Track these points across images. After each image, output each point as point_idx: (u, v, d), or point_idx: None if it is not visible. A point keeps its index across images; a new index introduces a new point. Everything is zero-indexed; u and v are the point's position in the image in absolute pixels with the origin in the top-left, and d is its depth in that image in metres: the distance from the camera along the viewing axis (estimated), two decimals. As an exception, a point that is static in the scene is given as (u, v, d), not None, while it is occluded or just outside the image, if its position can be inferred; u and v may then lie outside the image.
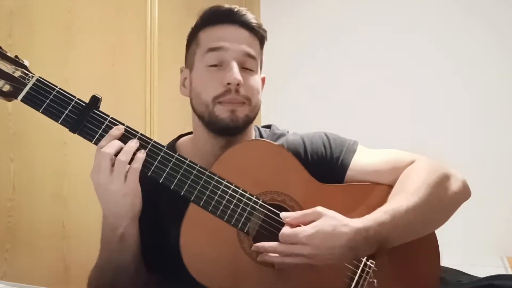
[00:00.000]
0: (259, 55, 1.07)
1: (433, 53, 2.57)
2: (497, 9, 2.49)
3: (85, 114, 0.90)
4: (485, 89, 2.50)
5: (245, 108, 1.01)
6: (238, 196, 0.94)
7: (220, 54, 1.01)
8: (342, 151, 1.08)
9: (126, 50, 1.86)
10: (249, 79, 1.02)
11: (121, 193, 0.87)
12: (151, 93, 1.96)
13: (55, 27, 1.56)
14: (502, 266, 2.05)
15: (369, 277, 0.94)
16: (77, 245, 1.57)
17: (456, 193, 1.01)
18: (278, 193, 0.98)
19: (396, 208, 0.92)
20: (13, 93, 0.88)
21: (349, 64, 2.71)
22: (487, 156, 2.46)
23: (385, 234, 0.90)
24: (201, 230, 0.93)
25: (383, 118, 2.61)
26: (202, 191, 0.92)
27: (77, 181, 1.60)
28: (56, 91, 0.90)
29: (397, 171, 1.03)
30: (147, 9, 1.97)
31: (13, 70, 0.88)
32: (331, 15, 2.79)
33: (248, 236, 0.95)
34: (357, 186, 1.04)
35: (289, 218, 0.91)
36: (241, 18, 1.04)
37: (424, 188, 0.96)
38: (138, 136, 0.91)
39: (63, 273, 1.56)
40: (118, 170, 0.86)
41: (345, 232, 0.87)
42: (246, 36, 1.04)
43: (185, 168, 0.92)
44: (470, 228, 2.29)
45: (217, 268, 0.93)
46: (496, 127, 2.48)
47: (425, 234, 0.99)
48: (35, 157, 1.49)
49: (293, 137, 1.12)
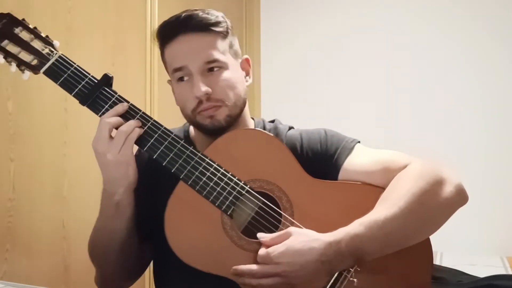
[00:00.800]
0: (223, 49, 1.05)
1: (434, 52, 2.58)
2: (497, 9, 2.49)
3: (96, 90, 1.00)
4: (487, 88, 2.50)
5: (224, 109, 1.03)
6: (226, 179, 0.98)
7: (184, 72, 1.04)
8: (338, 149, 1.07)
9: (126, 50, 1.86)
10: (219, 80, 1.03)
11: (116, 161, 0.95)
12: (151, 93, 1.96)
13: (55, 27, 1.56)
14: (502, 266, 2.05)
15: (349, 276, 0.93)
16: (77, 245, 1.57)
17: (447, 199, 0.97)
18: (267, 182, 0.99)
19: (373, 219, 0.90)
20: (38, 66, 1.01)
21: (349, 64, 2.71)
22: (487, 156, 2.46)
23: (359, 246, 0.89)
24: (187, 207, 0.97)
25: (383, 118, 2.61)
26: (191, 171, 0.98)
27: (77, 181, 1.60)
28: (74, 67, 1.01)
29: (389, 173, 1.01)
30: (147, 9, 1.97)
31: (42, 48, 1.02)
32: (332, 15, 2.79)
33: (231, 219, 0.97)
34: (349, 184, 1.03)
35: (265, 239, 0.93)
36: (192, 24, 1.04)
37: (407, 197, 0.93)
38: (140, 114, 1.00)
39: (63, 273, 1.56)
40: (116, 140, 0.95)
41: (315, 247, 0.87)
42: (204, 40, 1.04)
43: (179, 148, 0.99)
44: (470, 228, 2.29)
45: (199, 247, 0.96)
46: (496, 127, 2.48)
47: (414, 243, 0.96)
48: (35, 157, 1.49)
49: (292, 132, 1.13)
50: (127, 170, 0.97)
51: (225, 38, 1.07)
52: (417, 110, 2.59)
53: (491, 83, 2.50)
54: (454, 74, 2.55)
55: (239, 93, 1.06)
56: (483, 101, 2.50)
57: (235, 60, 1.08)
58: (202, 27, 1.04)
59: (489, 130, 2.48)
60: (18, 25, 1.01)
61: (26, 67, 1.01)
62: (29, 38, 1.02)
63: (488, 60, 2.50)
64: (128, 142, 0.96)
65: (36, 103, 1.48)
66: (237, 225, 0.97)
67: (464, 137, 2.50)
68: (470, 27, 2.53)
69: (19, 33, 1.01)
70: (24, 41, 1.01)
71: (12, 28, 1.01)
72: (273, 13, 2.90)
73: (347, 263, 0.90)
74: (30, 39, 1.02)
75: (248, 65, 1.13)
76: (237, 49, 1.10)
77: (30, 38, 1.02)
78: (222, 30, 1.06)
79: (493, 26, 2.50)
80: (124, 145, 0.95)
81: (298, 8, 2.85)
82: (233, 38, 1.10)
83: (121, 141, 0.95)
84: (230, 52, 1.07)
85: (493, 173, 2.43)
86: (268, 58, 2.86)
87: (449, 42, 2.55)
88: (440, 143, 2.49)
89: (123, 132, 0.95)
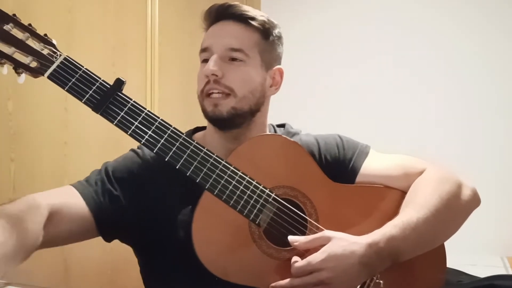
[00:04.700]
0: (254, 46, 1.05)
1: (439, 53, 2.57)
2: (502, 7, 2.49)
3: (109, 96, 0.92)
4: (487, 88, 2.50)
5: (230, 101, 1.02)
6: (252, 187, 0.95)
7: (208, 53, 1.04)
8: (355, 153, 1.09)
9: (126, 50, 1.86)
10: (233, 70, 1.02)
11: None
12: (151, 93, 1.96)
13: (55, 27, 1.56)
14: (502, 266, 2.06)
15: (375, 278, 0.94)
16: (77, 245, 1.57)
17: (467, 202, 1.02)
18: (291, 188, 0.99)
19: (405, 221, 0.92)
20: (40, 69, 0.90)
21: (351, 65, 2.71)
22: (488, 156, 2.46)
23: (396, 247, 0.90)
24: (214, 218, 0.95)
25: (384, 119, 2.61)
26: (217, 179, 0.94)
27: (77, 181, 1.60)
28: (82, 71, 0.93)
29: (408, 177, 1.04)
30: (148, 9, 1.97)
31: (41, 48, 0.91)
32: (332, 15, 2.79)
33: (259, 228, 0.96)
34: (370, 188, 1.05)
35: (298, 243, 0.92)
36: (230, 12, 1.05)
37: (435, 199, 0.96)
38: (159, 121, 0.94)
39: (63, 273, 1.55)
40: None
41: (355, 250, 0.87)
42: (235, 29, 1.04)
43: (202, 156, 0.94)
44: (470, 228, 2.28)
45: (227, 257, 0.94)
46: (496, 127, 2.48)
47: (437, 245, 1.00)
48: (35, 157, 1.49)
49: (307, 137, 1.13)
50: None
51: (262, 39, 1.06)
52: (418, 111, 2.59)
53: (491, 83, 2.50)
54: (455, 74, 2.55)
55: (252, 91, 1.04)
56: (483, 102, 2.50)
57: (262, 64, 1.07)
58: (239, 17, 1.05)
59: (489, 131, 2.48)
60: (8, 21, 0.88)
61: (25, 70, 0.90)
62: (23, 36, 0.90)
63: (492, 59, 2.50)
64: None
65: (36, 103, 1.48)
66: (265, 233, 0.97)
67: (464, 137, 2.50)
68: (473, 26, 2.53)
69: (10, 30, 0.88)
70: (18, 40, 0.89)
71: (1, 24, 0.87)
72: (273, 13, 2.89)
73: (386, 264, 0.91)
74: (25, 38, 0.90)
75: (280, 76, 1.12)
76: (272, 57, 1.09)
77: (25, 37, 0.90)
78: (259, 27, 1.06)
79: (499, 24, 2.49)
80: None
81: (298, 8, 2.85)
82: (273, 46, 1.09)
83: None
84: (261, 54, 1.06)
85: (493, 173, 2.42)
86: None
87: (456, 41, 2.55)
88: (440, 144, 2.49)
89: None
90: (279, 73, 1.11)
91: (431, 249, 1.00)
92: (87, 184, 1.04)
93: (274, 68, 1.10)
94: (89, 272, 1.10)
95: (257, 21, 1.06)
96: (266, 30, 1.07)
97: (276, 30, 1.10)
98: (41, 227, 0.89)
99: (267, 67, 1.08)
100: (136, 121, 0.93)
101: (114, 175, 1.05)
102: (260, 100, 1.07)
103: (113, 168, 1.06)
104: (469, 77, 2.53)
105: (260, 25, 1.06)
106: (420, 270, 1.01)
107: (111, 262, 1.67)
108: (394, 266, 0.93)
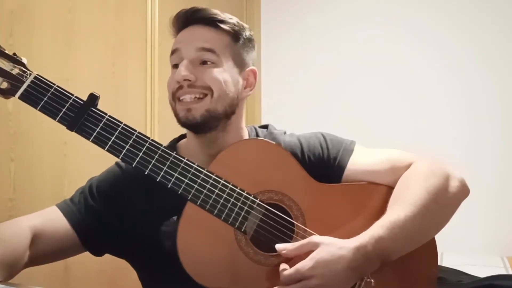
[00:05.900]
0: (225, 48, 1.04)
1: (435, 53, 2.58)
2: (502, 7, 2.50)
3: (83, 112, 0.90)
4: (486, 88, 2.50)
5: (204, 103, 1.01)
6: (235, 195, 0.94)
7: (177, 56, 1.03)
8: (340, 151, 1.07)
9: (126, 50, 1.86)
10: (206, 72, 1.02)
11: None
12: (151, 93, 1.96)
13: (55, 27, 1.56)
14: (502, 266, 2.06)
15: (366, 277, 0.93)
16: (77, 245, 1.57)
17: (455, 194, 1.00)
18: (275, 192, 0.98)
19: (393, 220, 0.91)
20: (11, 90, 0.88)
21: (349, 65, 2.71)
22: (487, 156, 2.47)
23: (384, 248, 0.89)
24: (198, 229, 0.94)
25: (381, 118, 2.61)
26: (199, 189, 0.93)
27: (77, 181, 1.58)
28: (54, 88, 0.90)
29: (395, 171, 1.02)
30: (148, 9, 1.97)
31: (11, 68, 0.88)
32: (333, 16, 2.79)
33: (245, 235, 0.94)
34: (356, 185, 1.03)
35: (286, 251, 0.91)
36: (199, 16, 1.05)
37: (422, 194, 0.95)
38: (136, 135, 0.92)
39: (63, 273, 1.55)
40: None
41: (343, 255, 0.87)
42: (205, 32, 1.04)
43: (183, 166, 0.93)
44: (470, 228, 2.29)
45: (215, 267, 0.93)
46: (496, 126, 2.48)
47: (428, 240, 0.98)
48: (35, 157, 1.49)
49: (290, 138, 1.12)
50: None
51: (233, 42, 1.06)
52: (417, 108, 2.59)
53: (490, 83, 2.50)
54: (456, 74, 2.55)
55: (227, 92, 1.03)
56: (482, 101, 2.50)
57: (235, 65, 1.06)
58: (208, 21, 1.04)
59: (489, 130, 2.48)
60: None
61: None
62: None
63: (491, 60, 2.50)
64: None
65: (36, 103, 1.48)
66: (252, 240, 0.95)
67: (464, 137, 2.51)
68: (474, 26, 2.53)
69: None
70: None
71: None
72: (274, 13, 2.90)
73: (375, 266, 0.90)
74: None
75: (254, 77, 1.10)
76: (244, 59, 1.08)
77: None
78: (229, 30, 1.05)
79: (498, 24, 2.50)
80: None
81: (298, 8, 2.85)
82: (245, 48, 1.08)
83: None
84: (233, 57, 1.05)
85: (493, 173, 2.43)
86: (268, 58, 2.86)
87: (454, 41, 2.56)
88: (440, 144, 2.49)
89: None
90: (252, 74, 1.10)
91: (423, 247, 0.98)
92: (70, 203, 1.08)
93: (247, 69, 1.09)
94: (89, 272, 1.10)
95: (227, 24, 1.05)
96: (236, 32, 1.06)
97: (247, 33, 1.08)
98: (25, 248, 0.94)
99: (240, 68, 1.07)
100: (113, 136, 0.91)
101: (98, 190, 1.08)
102: (235, 101, 1.05)
103: (97, 184, 1.09)
104: (469, 77, 2.53)
105: (230, 28, 1.05)
106: (411, 265, 0.99)
107: (111, 262, 1.67)
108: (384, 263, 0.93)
